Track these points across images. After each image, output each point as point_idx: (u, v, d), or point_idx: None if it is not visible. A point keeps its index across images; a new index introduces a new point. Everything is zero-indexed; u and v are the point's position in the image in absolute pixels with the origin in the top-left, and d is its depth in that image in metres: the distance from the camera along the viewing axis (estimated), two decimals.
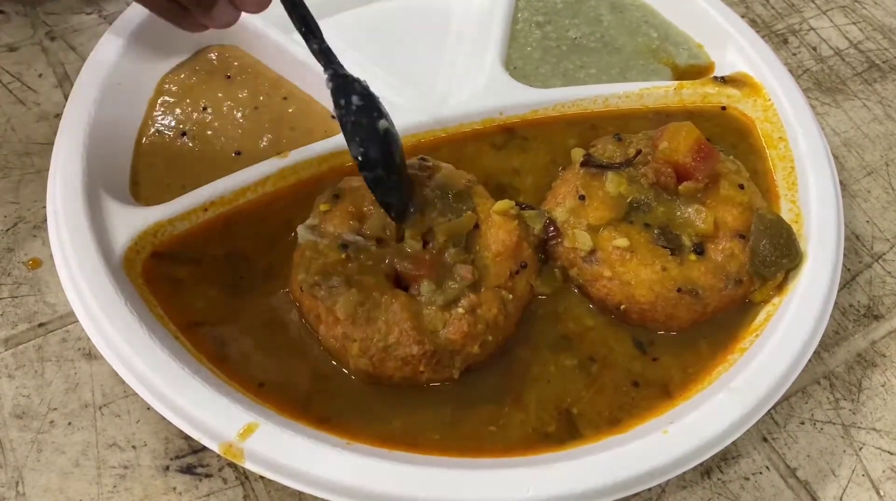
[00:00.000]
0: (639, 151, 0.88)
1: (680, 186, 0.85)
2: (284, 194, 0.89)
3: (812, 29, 1.27)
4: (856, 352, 0.91)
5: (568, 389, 0.79)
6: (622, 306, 0.83)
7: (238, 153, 0.94)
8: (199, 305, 0.81)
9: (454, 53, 1.09)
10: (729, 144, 0.98)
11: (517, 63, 1.06)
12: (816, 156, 0.94)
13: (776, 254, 0.84)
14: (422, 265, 0.77)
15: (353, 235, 0.80)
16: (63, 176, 0.83)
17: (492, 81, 1.00)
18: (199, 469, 0.78)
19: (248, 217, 0.87)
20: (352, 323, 0.75)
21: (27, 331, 0.85)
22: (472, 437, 0.75)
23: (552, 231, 0.85)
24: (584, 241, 0.83)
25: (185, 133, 0.95)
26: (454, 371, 0.76)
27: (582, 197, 0.85)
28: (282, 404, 0.75)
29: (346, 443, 0.72)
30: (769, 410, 0.77)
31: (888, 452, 0.84)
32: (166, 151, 0.93)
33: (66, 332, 0.85)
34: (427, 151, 0.93)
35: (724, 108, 1.02)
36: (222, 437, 0.70)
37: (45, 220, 0.83)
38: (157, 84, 0.99)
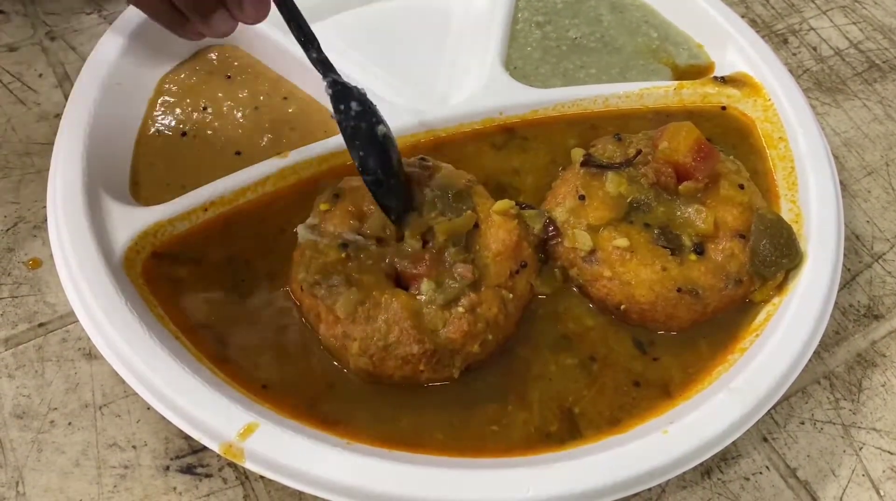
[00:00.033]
0: (639, 152, 0.88)
1: (680, 187, 0.85)
2: (284, 193, 0.89)
3: (812, 29, 1.27)
4: (856, 352, 0.91)
5: (569, 388, 0.79)
6: (622, 307, 0.82)
7: (238, 153, 0.94)
8: (199, 305, 0.81)
9: (454, 53, 1.09)
10: (729, 145, 0.98)
11: (517, 63, 1.06)
12: (816, 156, 0.94)
13: (776, 254, 0.84)
14: (422, 265, 0.77)
15: (353, 234, 0.80)
16: (63, 176, 0.83)
17: (492, 81, 1.00)
18: (200, 469, 0.78)
19: (248, 217, 0.87)
20: (352, 322, 0.75)
21: (27, 331, 0.85)
22: (475, 436, 0.75)
23: (552, 231, 0.85)
24: (584, 241, 0.83)
25: (185, 133, 0.95)
26: (454, 371, 0.76)
27: (582, 197, 0.85)
28: (283, 404, 0.75)
29: (346, 443, 0.72)
30: (769, 410, 0.77)
31: (888, 452, 0.84)
32: (166, 151, 0.93)
33: (67, 332, 0.85)
34: (427, 151, 0.93)
35: (724, 108, 1.02)
36: (222, 437, 0.70)
37: (46, 220, 0.83)
38: (157, 84, 0.99)
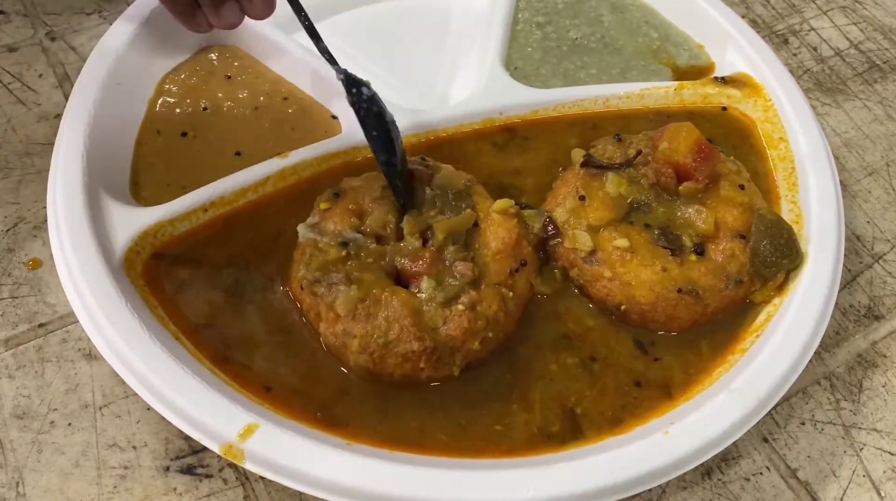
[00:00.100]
0: (639, 152, 0.88)
1: (680, 187, 0.85)
2: (284, 194, 0.89)
3: (812, 29, 1.27)
4: (856, 353, 0.91)
5: (571, 388, 0.79)
6: (622, 307, 0.82)
7: (238, 154, 0.94)
8: (199, 305, 0.81)
9: (454, 53, 1.09)
10: (729, 145, 0.98)
11: (518, 63, 1.06)
12: (817, 156, 0.94)
13: (777, 254, 0.84)
14: (422, 262, 0.77)
15: (353, 232, 0.80)
16: (63, 176, 0.83)
17: (492, 81, 1.00)
18: (200, 470, 0.78)
19: (248, 217, 0.87)
20: (352, 320, 0.75)
21: (27, 331, 0.85)
22: (478, 436, 0.75)
23: (552, 231, 0.85)
24: (584, 241, 0.83)
25: (185, 133, 0.95)
26: (454, 368, 0.76)
27: (582, 197, 0.85)
28: (283, 404, 0.75)
29: (346, 444, 0.72)
30: (770, 410, 0.77)
31: (889, 452, 0.84)
32: (166, 151, 0.93)
33: (67, 332, 0.85)
34: (427, 151, 0.93)
35: (724, 108, 1.02)
36: (223, 438, 0.70)
37: (46, 220, 0.83)
38: (157, 84, 0.99)
